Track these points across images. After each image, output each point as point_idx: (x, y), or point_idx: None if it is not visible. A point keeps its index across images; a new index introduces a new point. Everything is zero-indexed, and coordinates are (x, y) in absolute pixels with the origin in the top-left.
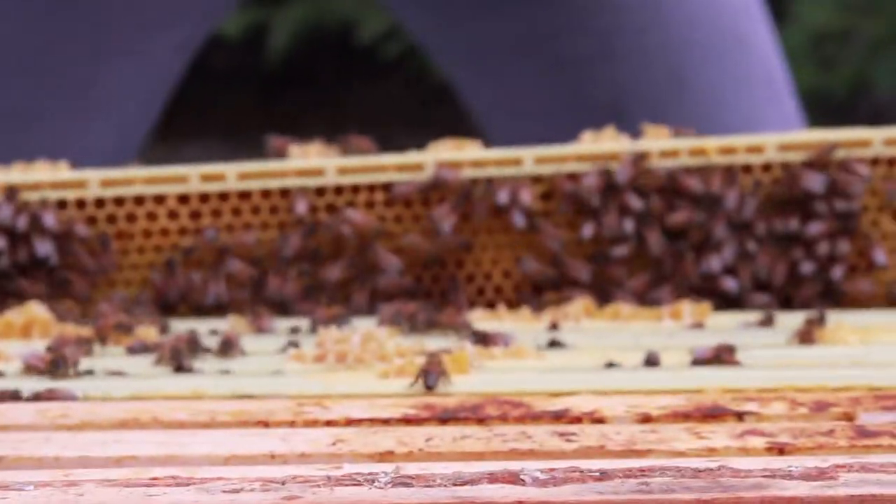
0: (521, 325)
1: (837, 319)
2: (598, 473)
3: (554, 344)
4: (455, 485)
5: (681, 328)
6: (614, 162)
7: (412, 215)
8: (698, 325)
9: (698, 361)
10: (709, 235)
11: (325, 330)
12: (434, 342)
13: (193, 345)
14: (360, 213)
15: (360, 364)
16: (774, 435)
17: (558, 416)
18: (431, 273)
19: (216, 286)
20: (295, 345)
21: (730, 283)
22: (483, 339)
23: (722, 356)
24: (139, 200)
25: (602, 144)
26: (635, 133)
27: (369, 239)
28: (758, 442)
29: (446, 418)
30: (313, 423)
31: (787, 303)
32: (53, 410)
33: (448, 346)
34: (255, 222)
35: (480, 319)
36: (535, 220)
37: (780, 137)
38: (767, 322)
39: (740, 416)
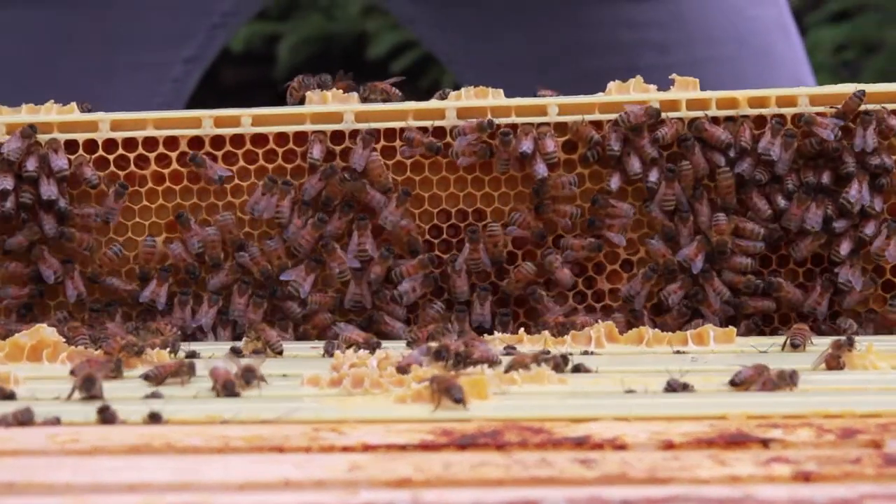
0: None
1: (867, 344)
2: (619, 502)
3: (577, 368)
4: None
5: (705, 352)
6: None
7: (431, 162)
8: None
9: (737, 383)
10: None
11: (342, 353)
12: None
13: (249, 373)
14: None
15: (377, 388)
16: (800, 462)
17: (579, 443)
18: (451, 224)
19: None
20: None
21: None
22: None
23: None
24: (150, 143)
25: (628, 94)
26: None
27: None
28: (783, 470)
29: (465, 444)
30: (329, 449)
31: (819, 261)
32: (64, 435)
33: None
34: (270, 168)
35: (501, 342)
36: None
37: (812, 90)
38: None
39: (765, 443)
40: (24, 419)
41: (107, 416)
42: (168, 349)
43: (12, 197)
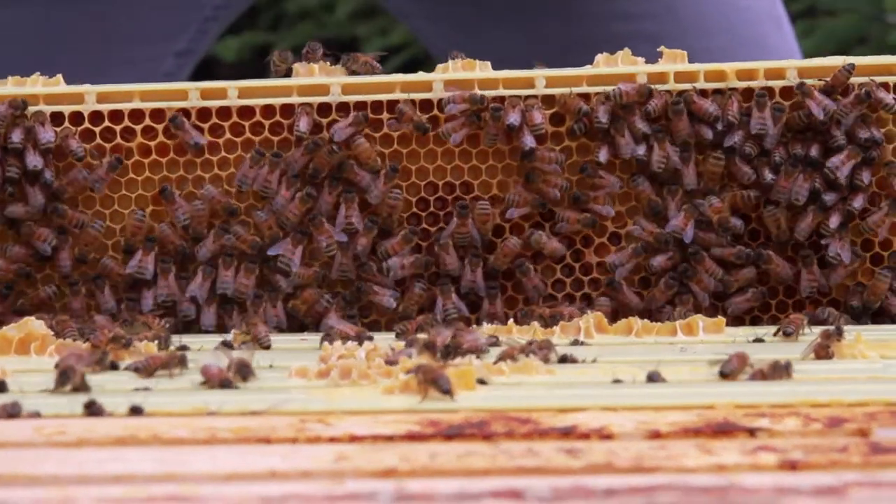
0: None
1: (855, 334)
2: (604, 491)
3: (563, 359)
4: (457, 501)
5: (695, 342)
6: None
7: (419, 136)
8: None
9: (727, 373)
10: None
11: (330, 345)
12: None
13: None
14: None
15: (365, 379)
16: (787, 451)
17: (566, 433)
18: (438, 197)
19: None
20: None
21: (735, 222)
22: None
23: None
24: (136, 115)
25: (616, 67)
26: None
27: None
28: (769, 458)
29: (451, 434)
30: (316, 440)
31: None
32: (50, 427)
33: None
34: (256, 140)
35: (491, 333)
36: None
37: (801, 62)
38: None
39: (752, 431)
40: (12, 411)
41: (93, 410)
42: (157, 342)
43: None
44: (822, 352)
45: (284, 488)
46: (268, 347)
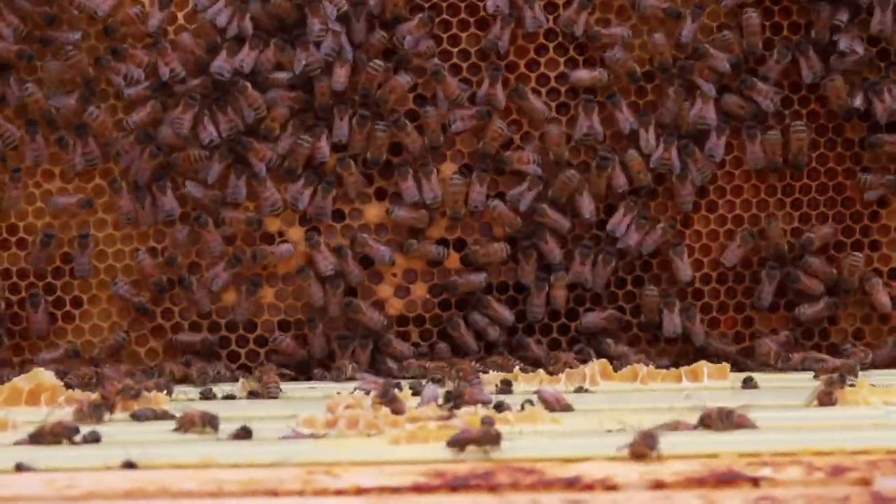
0: (536, 386)
1: (859, 380)
2: None
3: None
4: None
5: (698, 389)
6: None
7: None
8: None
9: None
10: None
11: (338, 395)
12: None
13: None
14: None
15: (372, 429)
16: (789, 501)
17: (571, 484)
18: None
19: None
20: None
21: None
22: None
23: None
24: None
25: None
26: None
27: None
28: None
29: (457, 486)
30: (322, 492)
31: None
32: (60, 481)
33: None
34: None
35: (495, 381)
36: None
37: None
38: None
39: (755, 481)
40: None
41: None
42: (164, 391)
43: None
44: (826, 398)
45: None
46: (275, 397)
